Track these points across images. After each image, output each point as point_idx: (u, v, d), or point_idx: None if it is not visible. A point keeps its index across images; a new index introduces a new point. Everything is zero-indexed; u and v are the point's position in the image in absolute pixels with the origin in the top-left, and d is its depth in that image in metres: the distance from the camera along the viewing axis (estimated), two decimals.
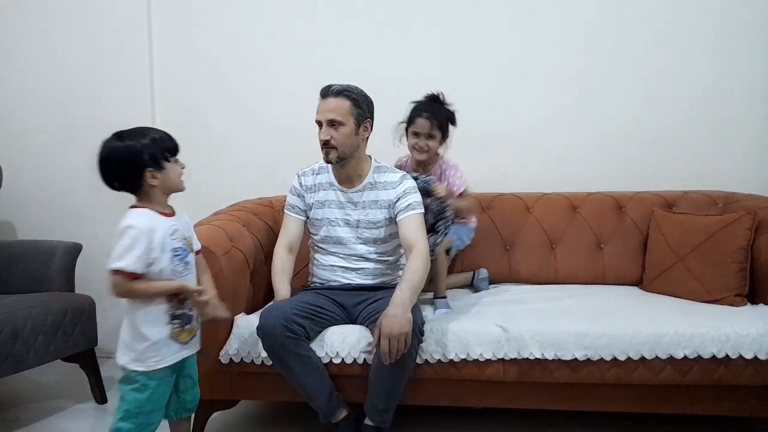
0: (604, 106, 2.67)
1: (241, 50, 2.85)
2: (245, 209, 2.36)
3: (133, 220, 1.51)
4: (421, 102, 2.24)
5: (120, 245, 1.48)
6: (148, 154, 1.52)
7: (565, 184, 2.61)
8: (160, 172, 1.55)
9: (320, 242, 2.08)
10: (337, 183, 2.05)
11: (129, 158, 1.51)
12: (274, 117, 2.83)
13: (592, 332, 1.83)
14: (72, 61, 2.90)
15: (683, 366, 1.81)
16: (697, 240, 2.18)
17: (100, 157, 1.53)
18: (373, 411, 1.85)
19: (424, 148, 2.20)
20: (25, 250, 2.50)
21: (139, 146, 1.52)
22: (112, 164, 1.52)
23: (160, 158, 1.54)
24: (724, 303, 2.06)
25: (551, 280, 2.44)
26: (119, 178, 1.54)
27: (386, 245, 2.05)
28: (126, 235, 1.49)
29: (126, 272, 1.48)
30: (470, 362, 1.86)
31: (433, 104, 2.21)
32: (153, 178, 1.53)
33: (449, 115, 2.22)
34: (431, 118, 2.17)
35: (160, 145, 1.55)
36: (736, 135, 2.61)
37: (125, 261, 1.48)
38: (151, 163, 1.52)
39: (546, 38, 2.68)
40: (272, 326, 1.80)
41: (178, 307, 1.58)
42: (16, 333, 2.07)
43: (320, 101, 1.96)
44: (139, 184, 1.54)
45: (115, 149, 1.51)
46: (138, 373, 1.54)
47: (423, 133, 2.19)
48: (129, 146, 1.51)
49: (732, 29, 2.58)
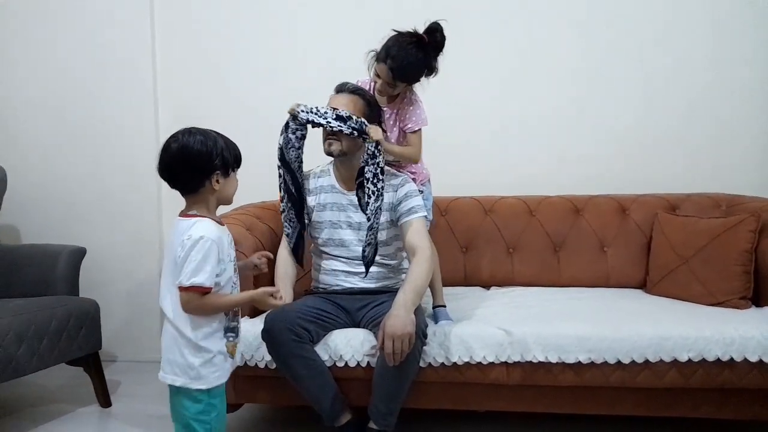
0: (606, 108, 2.67)
1: (243, 54, 2.86)
2: (248, 213, 2.37)
3: (203, 231, 1.45)
4: (395, 43, 1.89)
5: (193, 258, 1.43)
6: (221, 158, 1.49)
7: (567, 187, 2.61)
8: (225, 180, 1.52)
9: (322, 246, 2.07)
10: (338, 185, 2.05)
11: (205, 156, 1.46)
12: (277, 121, 2.83)
13: (595, 335, 1.83)
14: (76, 66, 2.92)
15: (687, 369, 1.80)
16: (700, 243, 2.18)
17: (175, 148, 1.47)
18: (376, 414, 1.85)
19: (382, 92, 1.99)
20: (30, 254, 2.50)
21: (215, 147, 1.48)
22: (186, 158, 1.46)
23: (229, 165, 1.52)
24: (728, 306, 2.05)
25: (554, 283, 2.44)
26: (187, 174, 1.48)
27: (388, 248, 2.05)
28: (199, 246, 1.43)
29: (203, 287, 1.43)
30: (473, 365, 1.86)
31: (407, 52, 1.87)
32: (217, 182, 1.50)
33: (427, 63, 1.90)
34: (394, 72, 1.89)
35: (232, 152, 1.52)
36: (739, 137, 2.61)
37: (202, 276, 1.42)
38: (220, 167, 1.49)
39: (548, 40, 2.68)
40: (277, 330, 1.81)
41: (232, 319, 1.54)
42: (20, 336, 2.07)
43: (333, 96, 1.97)
44: (202, 185, 1.49)
45: (192, 144, 1.46)
46: (201, 392, 1.47)
47: (383, 79, 1.94)
48: (206, 144, 1.47)
49: (732, 30, 2.57)
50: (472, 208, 2.56)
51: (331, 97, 1.97)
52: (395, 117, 2.05)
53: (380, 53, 1.93)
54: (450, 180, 2.70)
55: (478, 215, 2.54)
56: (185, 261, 1.43)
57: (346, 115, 1.85)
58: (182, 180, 1.50)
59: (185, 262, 1.43)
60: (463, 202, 2.58)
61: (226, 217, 2.28)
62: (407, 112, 2.02)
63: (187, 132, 1.49)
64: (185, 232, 1.46)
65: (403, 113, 2.02)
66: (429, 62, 1.91)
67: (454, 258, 2.50)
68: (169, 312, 1.49)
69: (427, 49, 1.90)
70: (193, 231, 1.45)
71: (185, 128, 1.50)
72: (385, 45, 1.92)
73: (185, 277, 1.43)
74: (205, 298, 1.45)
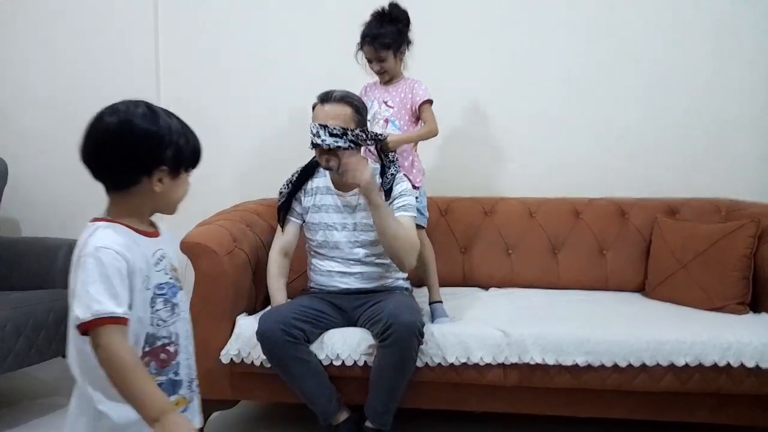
0: (607, 111, 2.66)
1: (247, 52, 2.85)
2: (248, 210, 2.37)
3: (102, 240, 1.03)
4: (366, 25, 2.16)
5: (90, 279, 0.99)
6: (174, 149, 1.08)
7: (568, 190, 2.61)
8: (173, 181, 1.10)
9: (317, 247, 2.07)
10: (334, 187, 2.05)
11: (152, 141, 1.06)
12: (279, 119, 2.84)
13: (593, 338, 1.83)
14: (77, 59, 2.92)
15: (684, 374, 1.80)
16: (700, 247, 2.18)
17: (112, 123, 1.06)
18: (373, 413, 1.85)
19: (379, 71, 2.18)
20: (30, 248, 2.51)
21: (170, 132, 1.08)
22: (125, 140, 1.05)
23: (183, 162, 1.11)
24: (726, 311, 2.05)
25: (553, 285, 2.44)
26: (121, 163, 1.06)
27: (382, 247, 2.04)
28: (93, 261, 1.01)
29: (115, 317, 0.99)
30: (471, 366, 1.86)
31: (377, 24, 2.13)
32: (159, 182, 1.08)
33: (398, 28, 2.14)
34: (372, 42, 2.12)
35: (191, 145, 1.12)
36: (740, 141, 2.60)
37: (105, 297, 0.99)
38: (170, 161, 1.08)
39: (549, 42, 2.67)
40: (271, 331, 1.81)
41: (160, 372, 1.09)
42: (18, 329, 2.08)
43: (319, 107, 1.94)
44: (136, 182, 1.08)
45: (138, 122, 1.06)
46: None
47: (373, 59, 2.16)
48: (157, 124, 1.07)
49: (735, 33, 2.57)
50: (472, 209, 2.56)
51: (317, 107, 1.95)
52: (402, 97, 2.18)
53: (360, 42, 2.17)
54: (450, 180, 2.70)
55: (478, 216, 2.54)
56: (81, 284, 1.00)
57: (341, 132, 1.87)
58: (112, 170, 1.07)
59: (81, 286, 1.00)
60: (463, 203, 2.58)
61: (227, 214, 2.28)
62: (413, 89, 2.17)
63: (133, 104, 1.08)
64: (81, 245, 1.05)
65: (410, 91, 2.17)
66: (396, 25, 2.14)
67: (453, 258, 2.50)
68: (75, 369, 1.07)
69: (390, 17, 2.15)
70: (90, 242, 1.03)
71: (131, 99, 1.10)
72: (361, 33, 2.17)
73: (82, 309, 0.98)
74: (114, 341, 0.98)
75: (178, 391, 1.13)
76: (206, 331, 1.98)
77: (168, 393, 1.09)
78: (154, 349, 1.09)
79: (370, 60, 2.17)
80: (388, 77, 2.21)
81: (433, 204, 2.53)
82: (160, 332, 1.09)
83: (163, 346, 1.10)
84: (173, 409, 1.02)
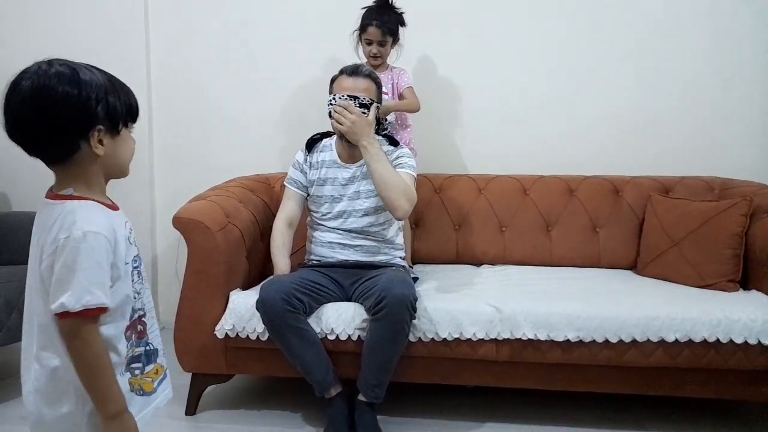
0: (602, 89, 2.65)
1: (242, 23, 2.80)
2: (242, 185, 2.35)
3: (89, 223, 0.97)
4: (370, 9, 2.30)
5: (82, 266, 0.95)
6: (104, 105, 0.98)
7: (562, 167, 2.60)
8: (113, 140, 1.02)
9: (320, 219, 2.08)
10: (339, 160, 2.07)
11: (76, 102, 0.96)
12: (274, 94, 2.81)
13: (584, 314, 1.84)
14: (69, 23, 2.86)
15: (674, 349, 1.82)
16: (692, 225, 2.19)
17: (27, 88, 0.95)
18: (365, 386, 1.87)
19: (377, 55, 2.30)
20: (20, 221, 2.49)
21: (93, 88, 0.97)
22: (45, 104, 0.95)
23: (119, 117, 1.02)
24: (717, 288, 2.07)
25: (546, 263, 2.45)
26: (49, 131, 0.97)
27: (378, 216, 2.06)
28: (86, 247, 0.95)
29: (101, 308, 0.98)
30: (463, 341, 1.88)
31: (382, 10, 2.28)
32: (100, 144, 1.00)
33: (399, 18, 2.31)
34: (381, 26, 2.26)
35: (122, 98, 1.02)
36: (734, 121, 2.60)
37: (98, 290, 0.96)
38: (104, 119, 0.99)
39: (545, 22, 2.65)
40: (272, 300, 1.81)
41: (138, 344, 1.08)
42: (10, 304, 2.07)
43: (346, 77, 1.98)
44: (74, 149, 0.99)
45: (54, 83, 0.95)
46: None
47: (375, 41, 2.28)
48: (77, 82, 0.96)
49: (730, 12, 2.55)
50: (466, 186, 2.55)
51: (343, 79, 1.98)
52: (391, 84, 2.34)
53: (363, 24, 2.29)
54: (444, 158, 2.70)
55: (472, 193, 2.54)
56: (69, 272, 0.95)
57: (369, 103, 1.96)
58: (42, 141, 0.98)
59: (69, 273, 0.95)
60: (457, 180, 2.57)
61: (220, 189, 2.26)
62: (400, 78, 2.36)
63: (46, 64, 0.97)
64: (59, 226, 0.97)
65: (397, 78, 2.36)
66: (398, 15, 2.32)
67: (447, 235, 2.51)
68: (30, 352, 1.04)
69: (393, 7, 2.32)
70: (74, 225, 0.96)
71: (45, 60, 0.98)
72: (362, 17, 2.30)
73: (72, 298, 0.94)
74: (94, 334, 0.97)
75: (155, 360, 1.13)
76: (200, 307, 1.99)
77: (147, 362, 1.10)
78: (133, 322, 1.08)
79: (371, 42, 2.28)
80: (380, 62, 2.32)
81: (427, 182, 2.53)
82: (136, 305, 1.09)
83: (139, 317, 1.10)
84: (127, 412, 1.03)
